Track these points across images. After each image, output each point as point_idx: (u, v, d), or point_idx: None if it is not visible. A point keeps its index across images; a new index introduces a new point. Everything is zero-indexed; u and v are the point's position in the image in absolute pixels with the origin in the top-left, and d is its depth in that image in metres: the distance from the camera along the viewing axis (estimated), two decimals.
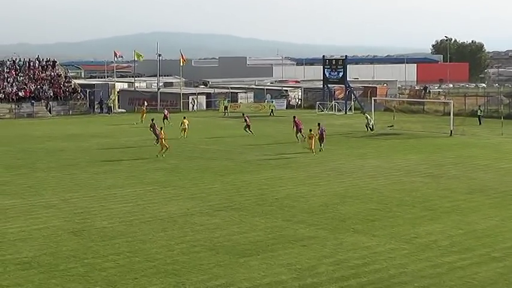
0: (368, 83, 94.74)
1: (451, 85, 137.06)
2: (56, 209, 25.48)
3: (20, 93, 73.57)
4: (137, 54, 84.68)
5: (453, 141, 47.25)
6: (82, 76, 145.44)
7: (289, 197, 27.49)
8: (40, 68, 79.91)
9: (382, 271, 17.88)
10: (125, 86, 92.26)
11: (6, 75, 76.31)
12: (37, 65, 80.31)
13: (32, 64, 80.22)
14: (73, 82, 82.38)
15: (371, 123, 53.15)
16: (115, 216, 24.37)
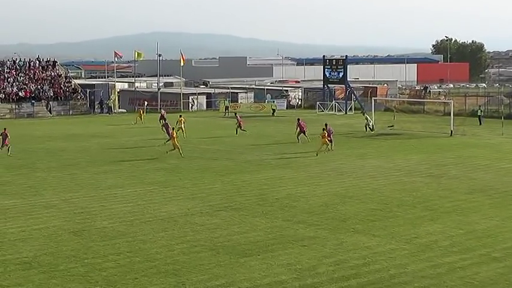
0: (368, 83, 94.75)
1: (452, 85, 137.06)
2: (57, 209, 25.48)
3: (20, 93, 73.60)
4: (137, 53, 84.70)
5: (453, 141, 47.23)
6: (82, 76, 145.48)
7: (289, 197, 27.48)
8: (40, 68, 79.93)
9: (382, 271, 17.87)
10: (125, 86, 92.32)
11: (6, 75, 76.35)
12: (37, 65, 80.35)
13: (32, 64, 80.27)
14: (73, 82, 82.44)
15: (370, 123, 53.16)
16: (115, 216, 24.37)
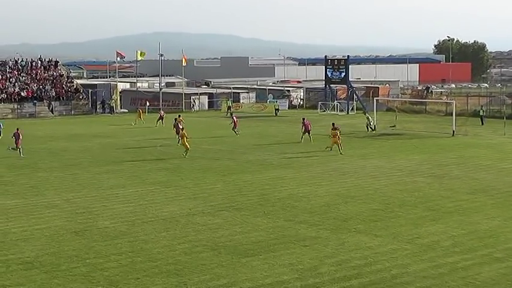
0: (370, 83, 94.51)
1: (453, 85, 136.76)
2: (58, 209, 25.50)
3: (22, 93, 73.66)
4: (140, 52, 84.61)
5: (455, 141, 47.20)
6: (84, 76, 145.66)
7: (291, 197, 27.48)
8: (42, 68, 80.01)
9: (384, 271, 17.87)
10: (127, 86, 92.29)
11: (8, 75, 76.42)
12: (39, 65, 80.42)
13: (34, 64, 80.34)
14: (75, 82, 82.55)
15: (372, 123, 53.15)
16: (117, 216, 24.38)
